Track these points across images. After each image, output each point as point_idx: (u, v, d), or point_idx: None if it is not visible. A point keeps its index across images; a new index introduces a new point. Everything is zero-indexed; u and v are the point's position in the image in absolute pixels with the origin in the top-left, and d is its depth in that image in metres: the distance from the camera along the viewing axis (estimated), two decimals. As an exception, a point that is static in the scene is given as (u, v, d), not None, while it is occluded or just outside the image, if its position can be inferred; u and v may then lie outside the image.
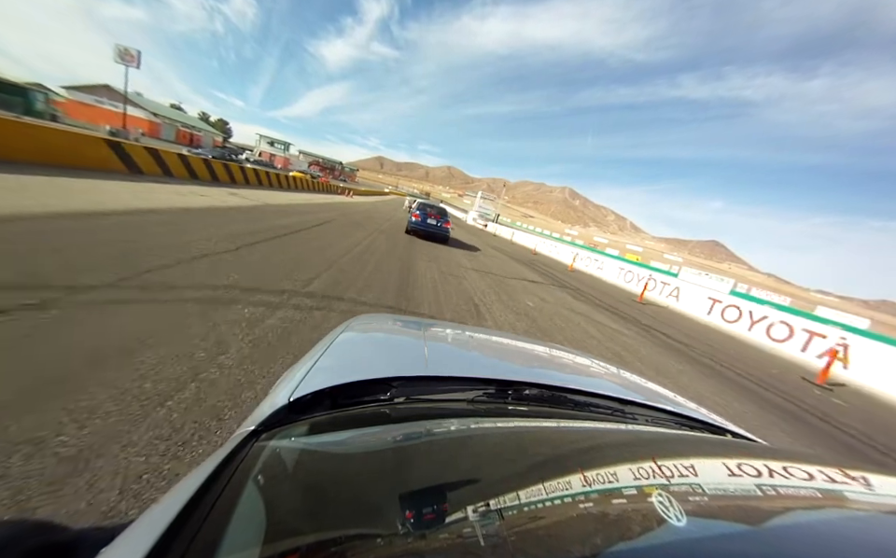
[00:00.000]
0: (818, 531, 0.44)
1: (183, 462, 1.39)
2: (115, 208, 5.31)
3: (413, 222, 11.82)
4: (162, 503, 0.38)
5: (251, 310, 2.96)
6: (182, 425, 1.57)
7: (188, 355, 2.09)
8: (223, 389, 1.89)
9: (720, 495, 0.51)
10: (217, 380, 1.94)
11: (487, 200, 54.44)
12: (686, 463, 0.61)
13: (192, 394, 1.79)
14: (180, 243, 4.30)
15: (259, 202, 10.21)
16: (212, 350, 2.21)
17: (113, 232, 4.10)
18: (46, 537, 0.41)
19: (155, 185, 8.38)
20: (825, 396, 5.77)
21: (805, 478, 0.57)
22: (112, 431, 1.44)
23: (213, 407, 1.74)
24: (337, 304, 3.72)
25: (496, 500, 0.44)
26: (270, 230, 6.62)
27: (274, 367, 2.22)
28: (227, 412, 1.72)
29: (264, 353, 2.36)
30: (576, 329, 5.66)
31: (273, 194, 14.21)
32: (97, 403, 1.56)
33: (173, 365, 1.96)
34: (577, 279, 13.48)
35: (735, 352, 7.55)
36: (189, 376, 1.91)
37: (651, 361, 4.99)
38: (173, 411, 1.64)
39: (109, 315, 2.32)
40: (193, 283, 3.17)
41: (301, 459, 0.54)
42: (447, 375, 0.91)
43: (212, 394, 1.83)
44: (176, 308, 2.64)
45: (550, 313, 6.36)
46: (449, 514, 0.42)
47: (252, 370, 2.12)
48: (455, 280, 6.84)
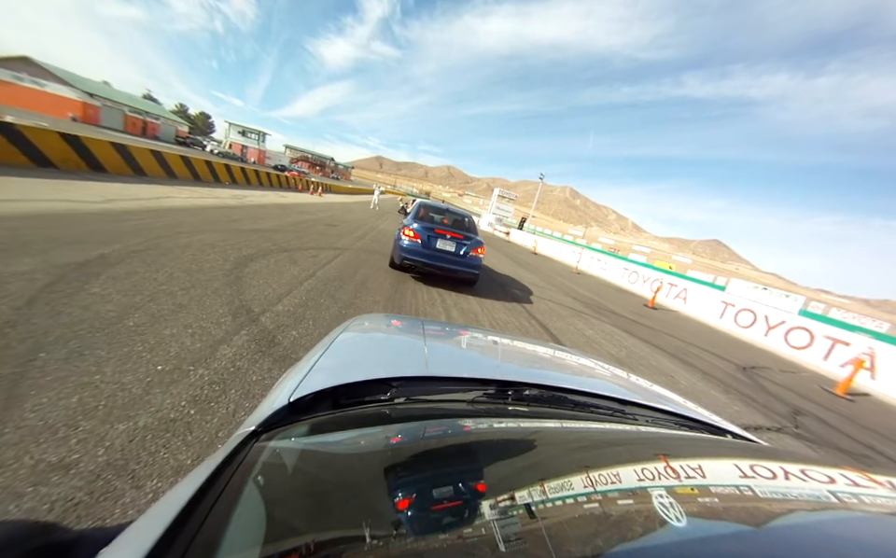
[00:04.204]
0: (818, 532, 0.44)
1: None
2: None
3: (408, 247, 5.62)
4: (162, 503, 0.39)
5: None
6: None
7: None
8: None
9: (720, 495, 0.51)
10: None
11: (506, 198, 41.56)
12: (686, 463, 0.60)
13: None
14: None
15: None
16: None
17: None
18: (46, 538, 0.41)
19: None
20: (846, 406, 5.42)
21: (806, 478, 0.57)
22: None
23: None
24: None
25: (496, 500, 0.45)
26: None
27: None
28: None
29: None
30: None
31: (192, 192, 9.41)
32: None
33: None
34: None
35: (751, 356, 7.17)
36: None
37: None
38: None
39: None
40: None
41: (302, 459, 0.54)
42: (447, 375, 0.91)
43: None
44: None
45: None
46: (449, 514, 0.43)
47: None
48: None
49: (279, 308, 3.36)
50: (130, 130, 44.11)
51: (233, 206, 9.21)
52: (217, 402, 1.93)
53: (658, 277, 13.67)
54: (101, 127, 37.03)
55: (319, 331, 3.08)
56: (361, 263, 6.25)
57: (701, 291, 11.86)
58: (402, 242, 5.70)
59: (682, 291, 12.35)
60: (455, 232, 5.89)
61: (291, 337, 2.85)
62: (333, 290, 4.34)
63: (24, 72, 37.02)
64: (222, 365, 2.25)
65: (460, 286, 6.40)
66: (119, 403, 1.77)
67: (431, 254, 5.69)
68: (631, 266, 15.80)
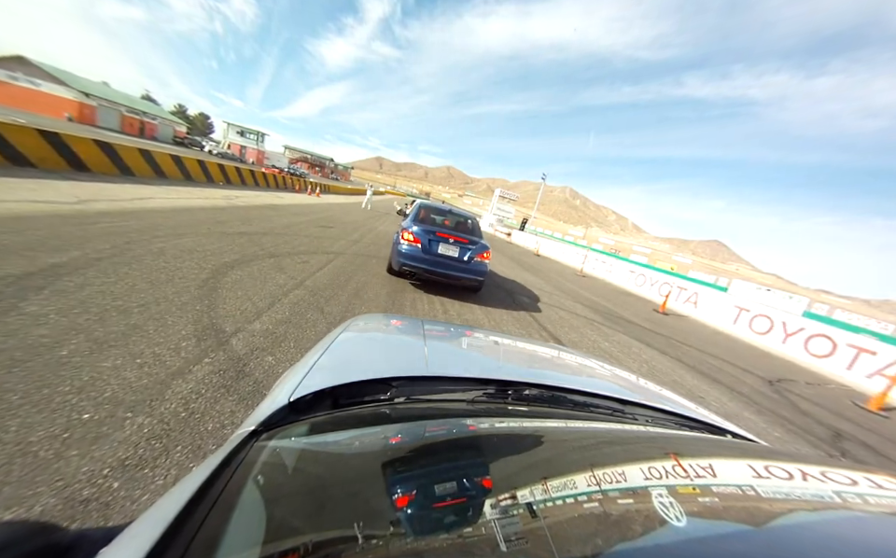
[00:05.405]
0: (818, 532, 0.44)
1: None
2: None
3: (408, 252, 5.14)
4: (162, 503, 0.38)
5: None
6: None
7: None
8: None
9: (720, 495, 0.51)
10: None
11: (507, 199, 41.64)
12: (687, 463, 0.59)
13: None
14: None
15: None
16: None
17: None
18: (46, 538, 0.40)
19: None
20: (883, 423, 4.97)
21: (806, 478, 0.56)
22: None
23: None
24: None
25: (496, 500, 0.45)
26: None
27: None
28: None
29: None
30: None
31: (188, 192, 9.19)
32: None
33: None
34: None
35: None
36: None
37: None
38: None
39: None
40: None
41: (301, 459, 0.54)
42: (447, 375, 0.92)
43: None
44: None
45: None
46: (449, 514, 0.43)
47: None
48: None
49: (256, 326, 2.88)
50: (127, 130, 43.17)
51: (223, 208, 8.71)
52: (152, 468, 1.45)
53: (666, 280, 13.22)
54: (97, 127, 36.19)
55: (301, 356, 2.61)
56: (356, 269, 5.75)
57: (712, 295, 11.39)
58: (401, 246, 5.19)
59: (693, 295, 11.89)
60: (459, 236, 5.36)
61: (266, 365, 2.38)
62: (323, 302, 3.86)
63: (20, 71, 36.41)
64: (171, 409, 1.78)
65: (464, 294, 5.90)
66: (15, 476, 1.30)
67: (433, 259, 5.17)
68: (637, 268, 15.35)
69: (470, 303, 5.55)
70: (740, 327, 10.09)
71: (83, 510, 1.24)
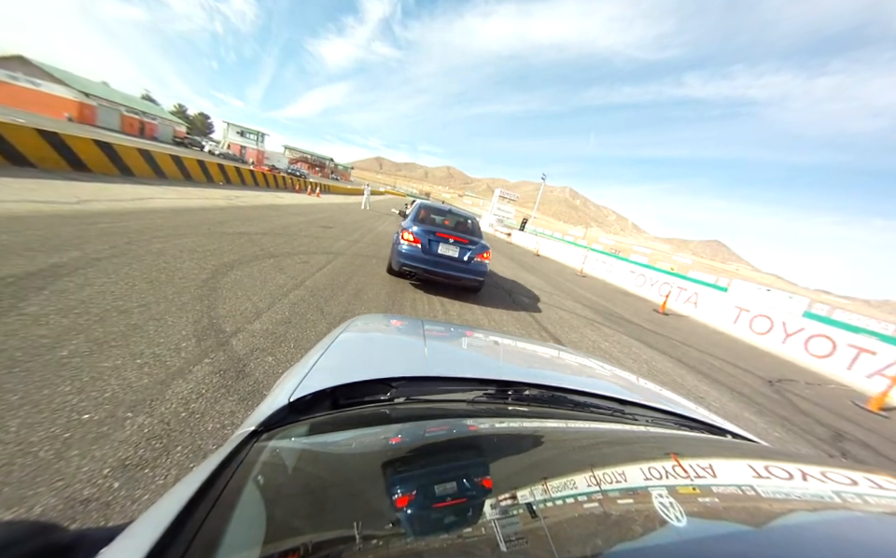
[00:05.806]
0: (818, 532, 0.44)
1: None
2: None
3: (408, 253, 5.13)
4: (162, 503, 0.38)
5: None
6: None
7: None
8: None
9: (720, 495, 0.50)
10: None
11: (507, 199, 41.40)
12: (686, 463, 0.59)
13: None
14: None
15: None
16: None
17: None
18: (46, 538, 0.40)
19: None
20: (883, 423, 4.97)
21: (806, 479, 0.56)
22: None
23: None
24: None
25: (496, 500, 0.45)
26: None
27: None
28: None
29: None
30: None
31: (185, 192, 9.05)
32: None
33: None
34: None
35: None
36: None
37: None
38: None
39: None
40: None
41: (302, 459, 0.54)
42: (447, 375, 0.91)
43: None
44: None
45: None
46: (449, 514, 0.43)
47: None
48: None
49: (256, 326, 2.88)
50: (127, 130, 43.07)
51: (223, 208, 8.71)
52: (153, 468, 1.46)
53: (666, 280, 13.22)
54: (97, 127, 36.22)
55: (301, 356, 2.61)
56: (356, 269, 5.75)
57: (712, 295, 11.39)
58: (401, 246, 5.18)
59: (693, 295, 11.89)
60: (459, 236, 5.35)
61: (266, 365, 2.38)
62: (323, 302, 3.86)
63: (20, 71, 36.38)
64: (171, 409, 1.78)
65: (463, 294, 5.90)
66: (16, 476, 1.30)
67: (433, 259, 5.17)
68: (637, 268, 15.35)
69: (470, 303, 5.55)
70: (740, 328, 10.08)
71: (83, 510, 1.24)
